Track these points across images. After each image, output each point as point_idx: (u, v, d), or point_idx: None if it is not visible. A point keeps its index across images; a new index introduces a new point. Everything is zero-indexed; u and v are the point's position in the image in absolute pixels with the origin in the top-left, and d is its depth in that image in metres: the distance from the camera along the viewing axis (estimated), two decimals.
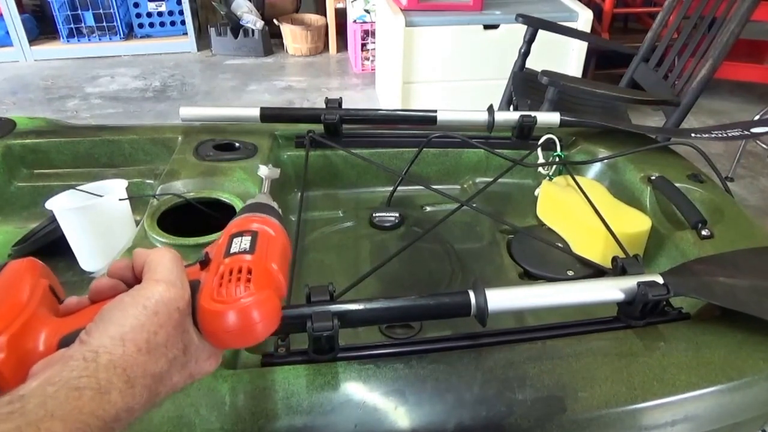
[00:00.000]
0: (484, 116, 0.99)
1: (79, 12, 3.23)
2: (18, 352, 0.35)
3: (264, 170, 0.69)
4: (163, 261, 0.38)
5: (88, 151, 1.02)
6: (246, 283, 0.37)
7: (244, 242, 0.42)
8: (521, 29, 1.79)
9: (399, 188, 1.00)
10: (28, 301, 0.38)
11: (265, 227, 0.45)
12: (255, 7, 3.38)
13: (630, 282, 0.60)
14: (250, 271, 0.38)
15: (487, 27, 2.30)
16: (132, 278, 0.40)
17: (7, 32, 3.14)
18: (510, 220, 0.94)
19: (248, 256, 0.40)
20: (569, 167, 0.96)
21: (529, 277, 0.85)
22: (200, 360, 0.39)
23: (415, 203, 1.03)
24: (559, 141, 0.98)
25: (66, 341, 0.36)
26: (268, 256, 0.41)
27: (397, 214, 0.96)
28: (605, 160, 0.98)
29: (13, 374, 0.34)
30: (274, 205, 0.52)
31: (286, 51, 3.48)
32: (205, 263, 0.42)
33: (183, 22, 3.41)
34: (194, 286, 0.39)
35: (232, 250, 0.41)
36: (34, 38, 3.26)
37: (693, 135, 0.99)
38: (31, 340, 0.36)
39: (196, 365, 0.38)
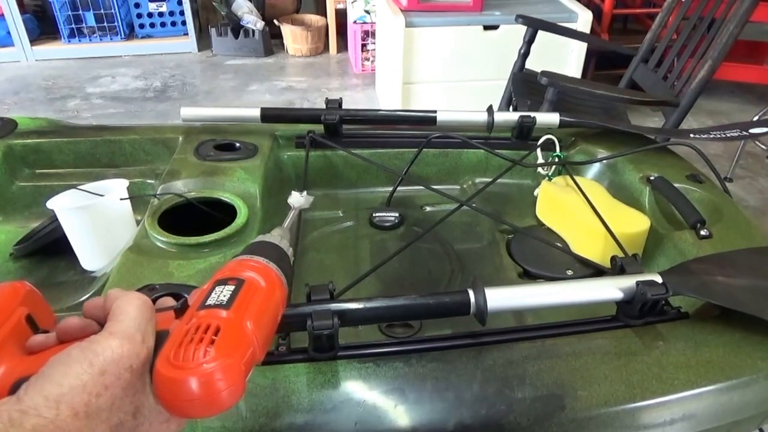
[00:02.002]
0: (483, 117, 0.99)
1: (80, 12, 3.24)
2: None
3: (296, 198, 0.59)
4: (128, 309, 0.35)
5: (89, 151, 1.02)
6: (208, 346, 0.32)
7: (225, 293, 0.37)
8: (521, 30, 1.80)
9: (399, 188, 1.01)
10: None
11: (256, 276, 0.40)
12: (255, 8, 3.38)
13: (629, 281, 0.60)
14: (218, 331, 0.34)
15: (486, 28, 2.31)
16: (104, 319, 0.37)
17: (9, 32, 3.15)
18: (509, 220, 0.94)
19: (223, 312, 0.35)
20: (568, 167, 0.96)
21: (528, 276, 0.85)
22: (155, 423, 0.34)
23: (415, 203, 1.03)
24: (559, 141, 0.98)
25: (18, 385, 0.32)
26: (245, 313, 0.36)
27: (397, 214, 0.97)
28: (604, 161, 0.98)
29: None
30: (285, 245, 0.48)
31: (287, 51, 3.48)
32: (181, 311, 0.38)
33: (184, 23, 3.41)
34: (161, 337, 0.35)
35: (209, 302, 0.36)
36: (35, 38, 3.27)
37: (692, 135, 0.99)
38: None
39: (149, 428, 0.34)
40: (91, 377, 0.31)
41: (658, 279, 0.61)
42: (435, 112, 0.99)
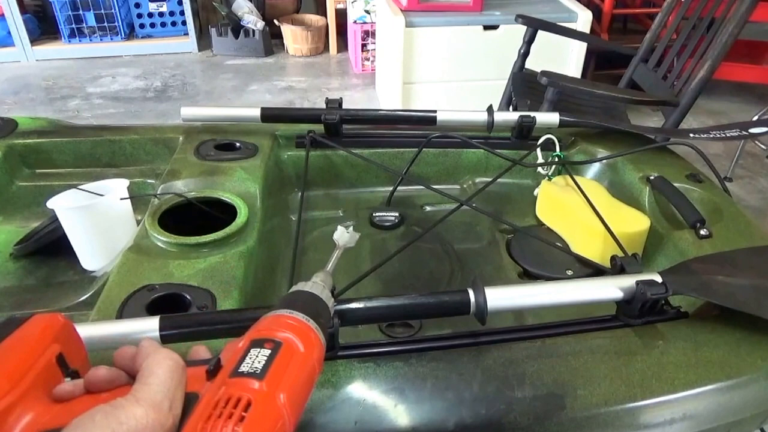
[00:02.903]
0: (483, 116, 0.99)
1: (81, 12, 3.24)
2: None
3: (342, 234, 0.56)
4: (158, 372, 0.34)
5: (89, 151, 1.02)
6: (237, 424, 0.30)
7: (260, 358, 0.35)
8: (521, 30, 1.80)
9: (399, 188, 1.01)
10: (23, 378, 0.33)
11: (294, 338, 0.37)
12: (255, 8, 3.38)
13: (629, 281, 0.60)
14: (248, 406, 0.32)
15: (486, 27, 2.31)
16: (133, 371, 0.36)
17: (9, 32, 3.15)
18: (509, 220, 0.94)
19: (255, 383, 0.33)
20: (568, 167, 0.97)
21: (528, 276, 0.86)
22: None
23: (415, 203, 1.03)
24: (559, 141, 0.98)
25: None
26: (279, 384, 0.34)
27: (397, 214, 0.97)
28: (604, 160, 0.98)
29: None
30: (327, 296, 0.45)
31: (287, 51, 3.48)
32: (213, 372, 0.35)
33: (184, 23, 3.41)
34: (190, 400, 0.34)
35: (241, 368, 0.34)
36: (35, 38, 3.27)
37: (692, 135, 0.99)
38: (9, 424, 0.32)
39: None
40: None
41: (658, 278, 0.61)
42: (435, 112, 0.99)
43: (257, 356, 0.35)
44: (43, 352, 0.35)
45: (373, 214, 0.97)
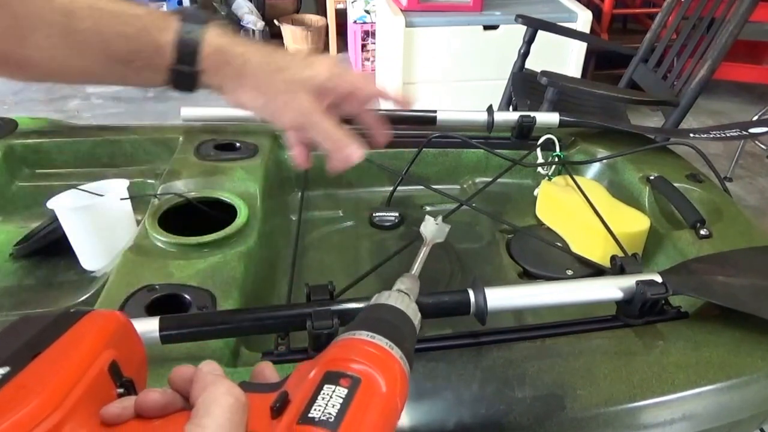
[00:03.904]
0: (483, 116, 0.99)
1: None
2: None
3: (430, 226, 0.50)
4: (216, 412, 0.29)
5: (89, 151, 1.02)
6: None
7: (335, 401, 0.29)
8: (521, 30, 1.80)
9: (399, 188, 1.01)
10: (73, 390, 0.28)
11: (376, 374, 0.31)
12: (255, 8, 3.38)
13: (629, 281, 0.60)
14: None
15: (486, 27, 2.31)
16: (188, 394, 0.32)
17: None
18: (509, 220, 0.94)
19: None
20: (568, 167, 0.96)
21: (528, 276, 0.85)
22: None
23: (415, 203, 1.03)
24: (559, 141, 0.98)
25: None
26: None
27: (396, 214, 0.97)
28: (604, 160, 0.98)
29: None
30: (413, 310, 0.39)
31: None
32: (279, 410, 0.30)
33: None
34: None
35: (312, 413, 0.28)
36: None
37: (692, 135, 1.00)
38: None
39: None
40: None
41: (658, 278, 0.61)
42: (435, 112, 0.99)
43: (331, 397, 0.29)
44: (95, 360, 0.31)
45: (373, 215, 0.97)
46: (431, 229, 0.50)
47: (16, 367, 0.28)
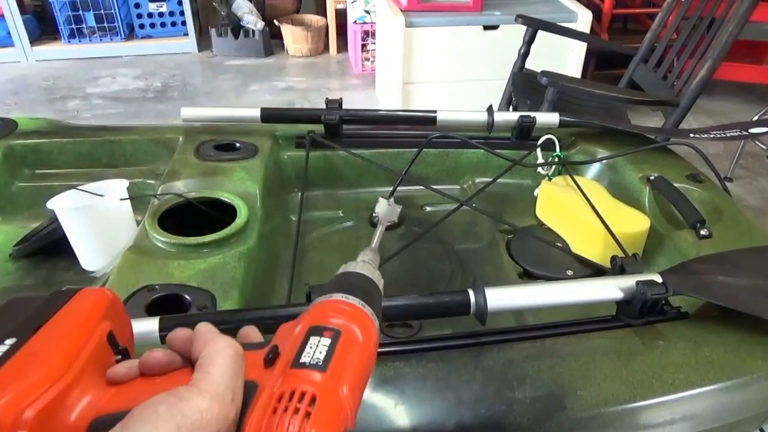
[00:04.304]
0: (483, 117, 0.99)
1: (81, 12, 3.24)
2: (45, 427, 0.29)
3: (383, 207, 0.55)
4: (219, 361, 0.33)
5: (89, 152, 1.02)
6: (304, 420, 0.30)
7: (320, 348, 0.34)
8: (521, 30, 1.80)
9: (399, 188, 1.00)
10: (78, 357, 0.32)
11: (353, 327, 0.36)
12: (255, 8, 3.38)
13: (629, 281, 0.60)
14: (313, 400, 0.31)
15: (486, 28, 2.31)
16: (189, 354, 0.35)
17: (9, 33, 3.15)
18: (509, 220, 0.94)
19: (317, 375, 0.32)
20: (568, 167, 0.96)
21: (528, 276, 0.85)
22: None
23: (415, 203, 1.03)
24: (559, 141, 0.98)
25: (97, 425, 0.31)
26: (342, 376, 0.33)
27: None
28: (604, 161, 0.98)
29: None
30: (378, 276, 0.45)
31: (287, 52, 3.48)
32: (271, 360, 0.34)
33: (184, 23, 3.42)
34: (250, 389, 0.33)
35: (303, 358, 0.33)
36: (35, 39, 3.27)
37: (692, 135, 0.99)
38: (66, 409, 0.31)
39: None
40: None
41: (658, 279, 0.61)
42: (435, 112, 0.99)
43: (317, 346, 0.34)
44: (94, 330, 0.34)
45: (373, 215, 0.97)
46: (384, 209, 0.55)
47: (21, 338, 0.31)
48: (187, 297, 0.65)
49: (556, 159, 0.98)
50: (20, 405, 0.28)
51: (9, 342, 0.31)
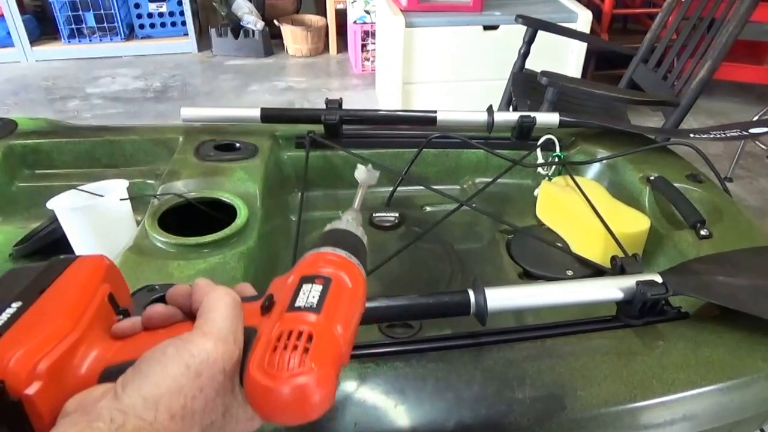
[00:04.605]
0: (483, 117, 0.99)
1: (80, 13, 3.24)
2: (58, 379, 0.31)
3: (362, 173, 0.56)
4: (219, 307, 0.35)
5: (89, 152, 1.02)
6: (303, 354, 0.32)
7: (313, 294, 0.36)
8: (521, 30, 1.80)
9: (399, 188, 1.01)
10: (83, 315, 0.34)
11: (341, 274, 0.39)
12: (255, 8, 3.38)
13: (629, 281, 0.60)
14: (310, 338, 0.33)
15: (486, 28, 2.31)
16: (189, 308, 0.37)
17: (9, 33, 3.15)
18: (509, 220, 0.94)
19: (312, 316, 0.34)
20: (568, 167, 0.96)
21: (528, 276, 0.85)
22: (241, 421, 0.34)
23: (414, 203, 1.03)
24: (559, 141, 0.98)
25: (108, 374, 0.33)
26: (335, 317, 0.35)
27: (396, 214, 0.97)
28: (604, 161, 0.98)
29: (48, 407, 0.31)
30: (361, 232, 0.47)
31: (287, 52, 3.48)
32: (267, 307, 0.37)
33: (184, 23, 3.42)
34: (249, 335, 0.35)
35: (297, 303, 0.35)
36: (35, 39, 3.27)
37: (692, 135, 0.99)
38: (76, 362, 0.33)
39: (235, 426, 0.34)
40: (188, 380, 0.31)
41: (658, 279, 0.61)
42: (435, 112, 0.99)
43: (310, 291, 0.36)
44: (96, 291, 0.36)
45: (373, 215, 0.97)
46: (363, 174, 0.57)
47: (27, 301, 0.33)
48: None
49: (556, 159, 0.98)
50: (34, 358, 0.30)
51: (15, 305, 0.33)
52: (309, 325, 0.33)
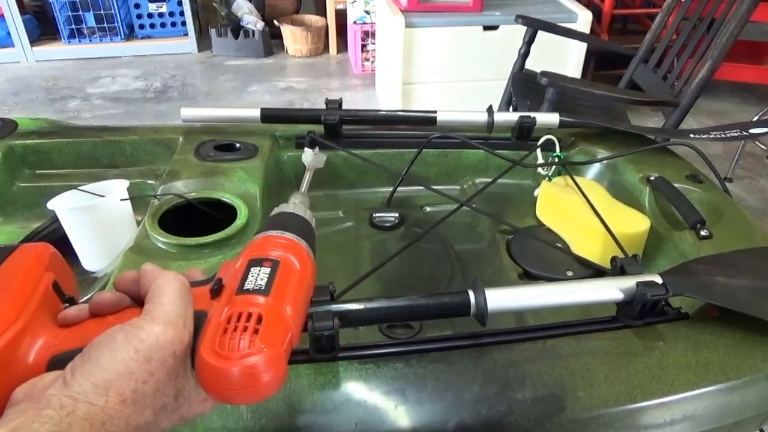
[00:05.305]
0: (483, 117, 0.99)
1: (80, 13, 3.24)
2: (4, 368, 0.31)
3: (309, 156, 0.58)
4: (168, 292, 0.35)
5: (89, 152, 1.02)
6: (253, 336, 0.32)
7: (262, 276, 0.36)
8: (521, 30, 1.80)
9: (399, 189, 1.01)
10: (27, 303, 0.34)
11: (289, 256, 0.39)
12: (255, 8, 3.38)
13: (629, 282, 0.60)
14: (260, 319, 0.33)
15: (486, 28, 2.31)
16: (137, 294, 0.37)
17: (9, 33, 3.15)
18: (509, 220, 0.94)
19: (261, 298, 0.35)
20: (568, 168, 0.96)
21: (528, 277, 0.85)
22: (194, 403, 0.35)
23: (415, 203, 1.03)
24: (559, 141, 0.98)
25: (56, 362, 0.33)
26: (284, 298, 0.36)
27: (396, 215, 0.97)
28: (604, 161, 0.98)
29: None
30: (308, 215, 0.47)
31: (287, 52, 3.48)
32: (217, 291, 0.37)
33: (184, 23, 3.42)
34: (200, 318, 0.35)
35: (246, 285, 0.36)
36: (35, 39, 3.27)
37: (692, 136, 0.99)
38: (22, 351, 0.32)
39: (188, 408, 0.35)
40: (138, 364, 0.31)
41: (658, 279, 0.61)
42: (435, 112, 0.99)
43: (258, 274, 0.37)
44: (39, 280, 0.36)
45: (373, 215, 0.97)
46: (309, 157, 0.58)
47: None
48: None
49: (556, 159, 0.98)
50: None
51: None
52: (258, 307, 0.34)
